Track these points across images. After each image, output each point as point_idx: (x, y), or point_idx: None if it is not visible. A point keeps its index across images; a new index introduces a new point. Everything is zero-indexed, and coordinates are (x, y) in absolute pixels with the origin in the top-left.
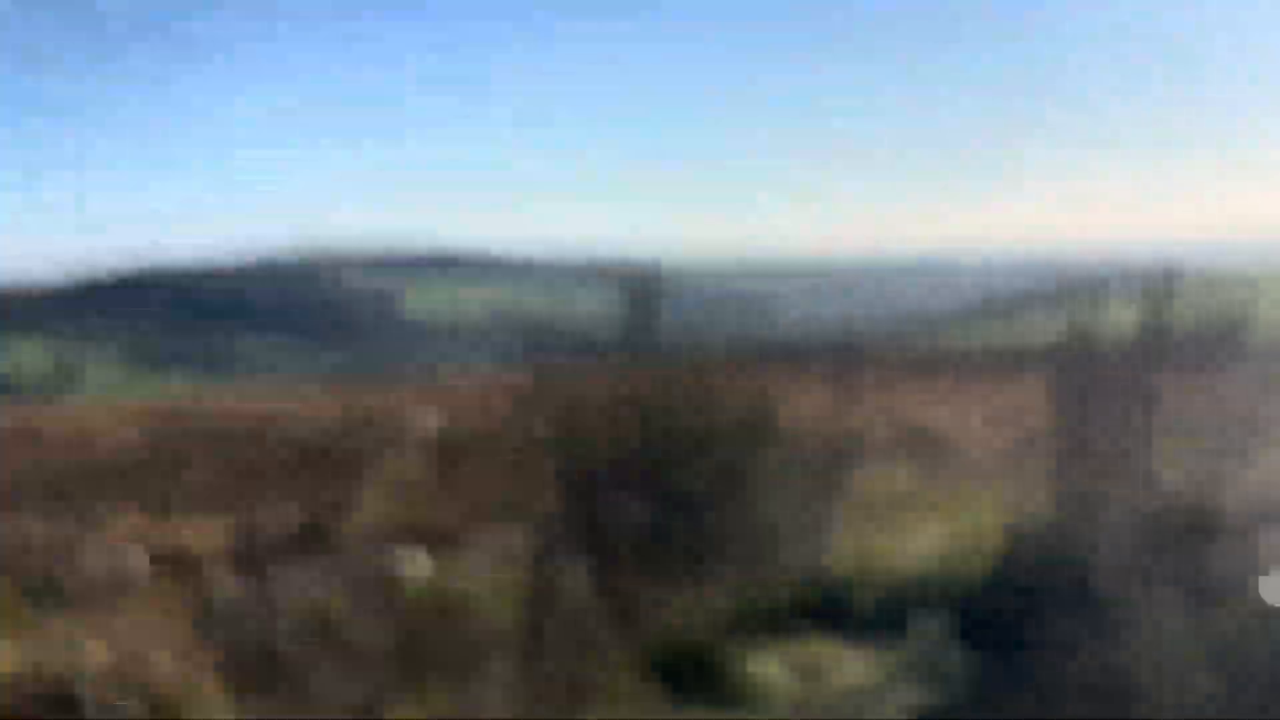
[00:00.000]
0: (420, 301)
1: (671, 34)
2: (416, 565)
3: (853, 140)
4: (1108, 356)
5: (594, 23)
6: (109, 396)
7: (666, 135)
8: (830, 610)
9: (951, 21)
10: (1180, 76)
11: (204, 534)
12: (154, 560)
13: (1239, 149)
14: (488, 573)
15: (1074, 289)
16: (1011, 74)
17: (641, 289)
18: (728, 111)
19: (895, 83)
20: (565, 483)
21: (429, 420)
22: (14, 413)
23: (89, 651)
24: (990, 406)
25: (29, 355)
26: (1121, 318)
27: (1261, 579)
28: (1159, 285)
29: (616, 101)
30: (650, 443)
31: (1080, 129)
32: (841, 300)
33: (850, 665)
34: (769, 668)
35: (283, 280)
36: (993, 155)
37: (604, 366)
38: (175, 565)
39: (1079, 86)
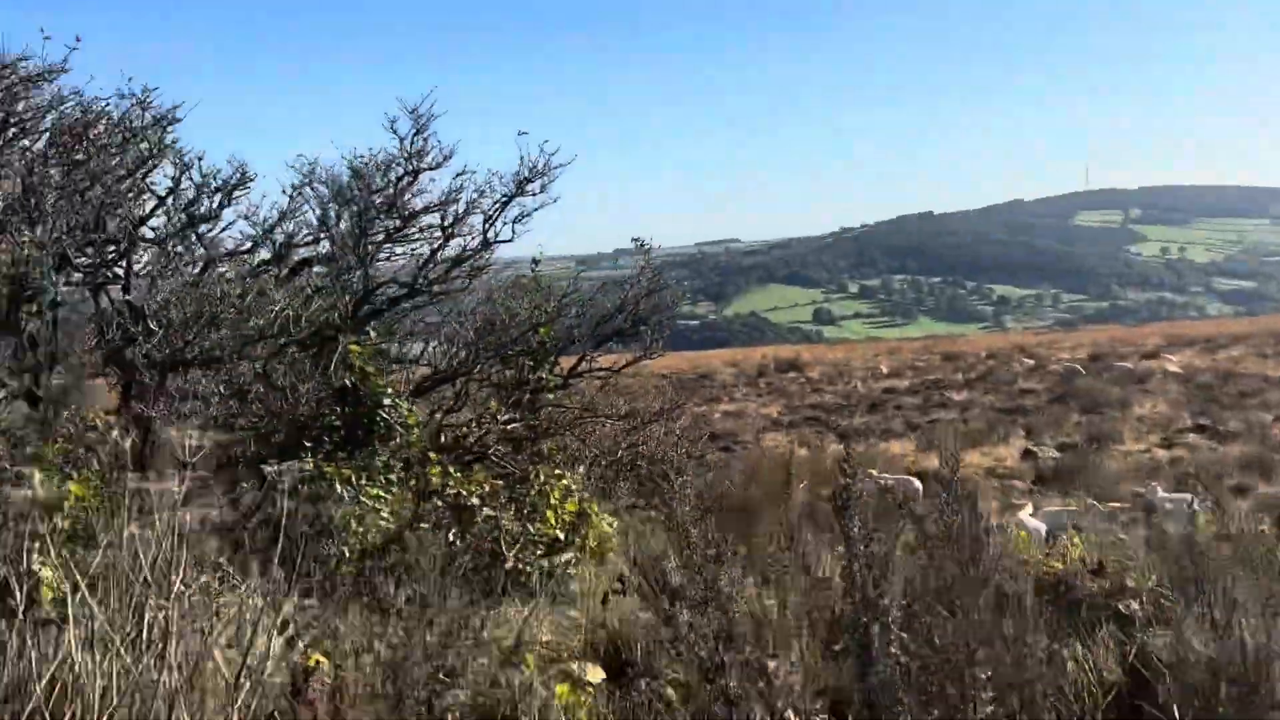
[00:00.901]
0: (1152, 241)
1: None
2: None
3: None
4: None
5: None
6: (863, 338)
7: None
8: None
9: None
10: None
11: (970, 462)
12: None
13: None
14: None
15: None
16: None
17: None
18: None
19: None
20: None
21: (1175, 359)
22: (783, 352)
23: None
24: None
25: (792, 300)
26: None
27: None
28: None
29: None
30: None
31: None
32: None
33: None
34: None
35: (1017, 226)
36: None
37: None
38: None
39: None
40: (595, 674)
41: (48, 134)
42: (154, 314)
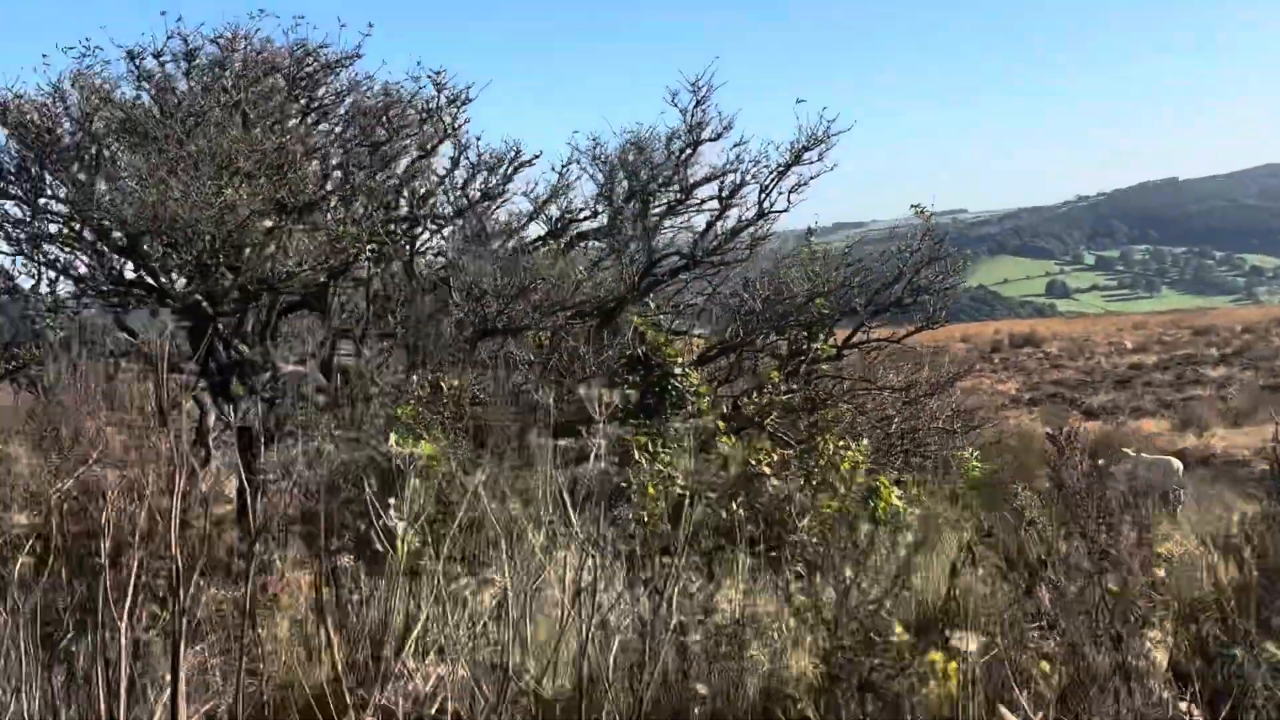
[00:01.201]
0: None
1: None
2: None
3: None
4: None
5: None
6: (1100, 311)
7: None
8: None
9: None
10: None
11: (1236, 443)
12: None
13: None
14: None
15: None
16: None
17: None
18: None
19: None
20: None
21: None
22: (1018, 326)
23: None
24: None
25: (1024, 272)
26: None
27: None
28: None
29: None
30: None
31: None
32: None
33: None
34: None
35: (1272, 191)
36: None
37: None
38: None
39: None
40: (971, 642)
41: (345, 117)
42: (465, 286)
